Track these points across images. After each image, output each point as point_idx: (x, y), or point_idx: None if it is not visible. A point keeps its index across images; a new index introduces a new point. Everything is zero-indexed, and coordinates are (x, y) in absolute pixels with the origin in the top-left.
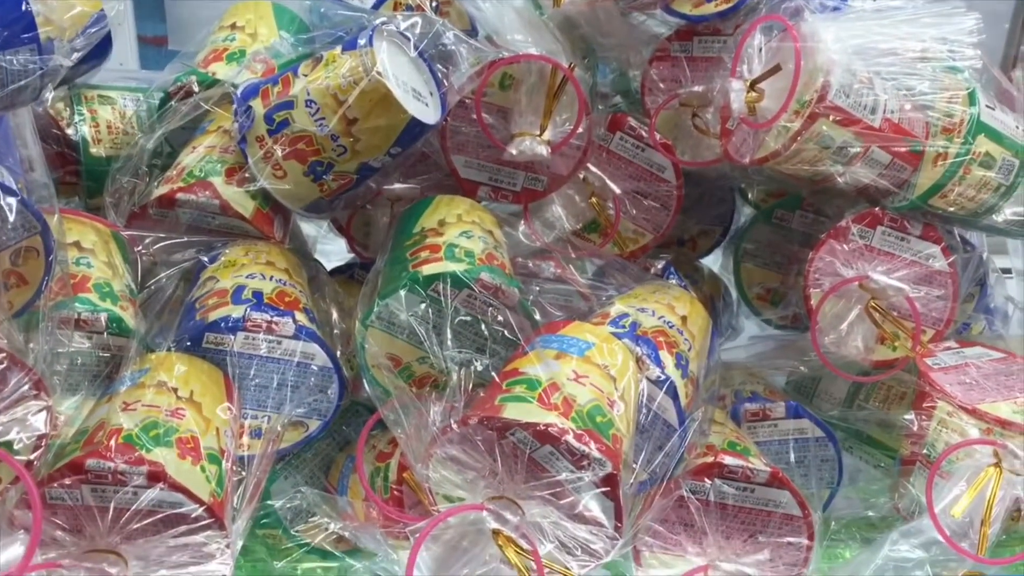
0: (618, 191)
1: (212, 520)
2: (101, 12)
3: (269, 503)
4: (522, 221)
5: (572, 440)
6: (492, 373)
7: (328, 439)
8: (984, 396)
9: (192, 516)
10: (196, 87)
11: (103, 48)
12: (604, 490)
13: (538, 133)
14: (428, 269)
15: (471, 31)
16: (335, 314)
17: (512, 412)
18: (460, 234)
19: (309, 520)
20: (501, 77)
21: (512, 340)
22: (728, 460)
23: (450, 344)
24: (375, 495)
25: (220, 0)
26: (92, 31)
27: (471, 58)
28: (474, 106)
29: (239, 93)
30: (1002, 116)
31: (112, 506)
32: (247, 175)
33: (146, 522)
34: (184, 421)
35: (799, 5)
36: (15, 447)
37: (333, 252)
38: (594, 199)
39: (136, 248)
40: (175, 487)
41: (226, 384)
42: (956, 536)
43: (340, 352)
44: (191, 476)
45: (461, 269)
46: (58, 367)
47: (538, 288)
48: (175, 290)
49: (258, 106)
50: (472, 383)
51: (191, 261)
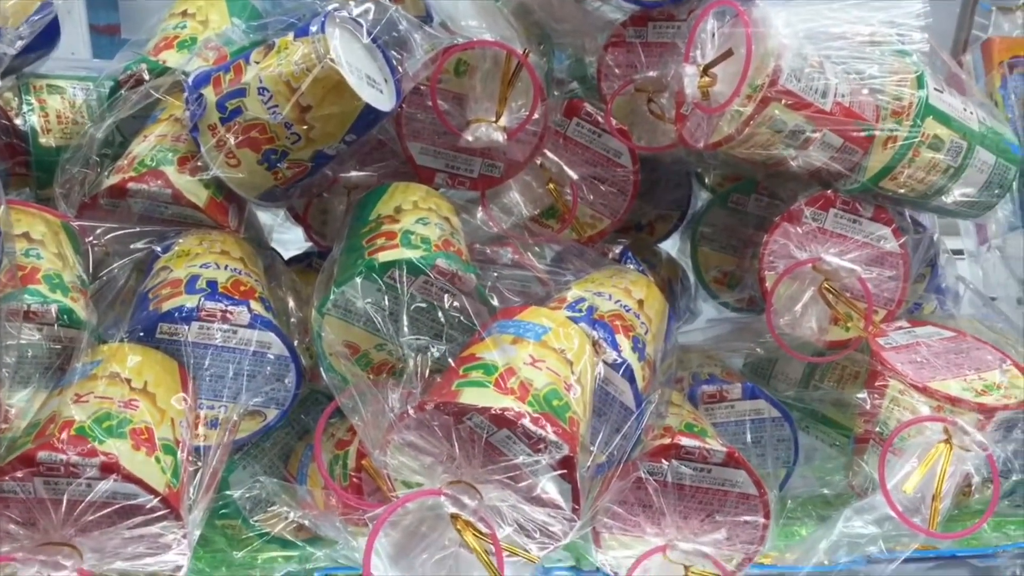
0: (575, 177)
1: (167, 511)
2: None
3: (228, 493)
4: (479, 207)
5: (528, 424)
6: (449, 359)
7: (287, 428)
8: (935, 374)
9: (147, 507)
10: (147, 75)
11: (50, 36)
12: (561, 473)
13: (494, 119)
14: (384, 256)
15: (426, 17)
16: (292, 303)
17: (469, 397)
18: (416, 221)
19: (268, 509)
20: (456, 63)
21: (469, 326)
22: (685, 441)
23: (406, 331)
24: (334, 483)
25: None
26: (36, 19)
27: (425, 44)
28: (429, 93)
29: (190, 81)
30: (950, 99)
31: (65, 498)
32: (200, 164)
33: (100, 514)
34: (138, 412)
35: None
36: None
37: (290, 241)
38: (551, 185)
39: (87, 239)
40: (129, 478)
41: (181, 374)
42: (908, 512)
43: (298, 341)
44: (145, 467)
45: (417, 256)
46: (7, 359)
47: (496, 274)
48: (127, 280)
49: (210, 94)
50: (429, 369)
51: (144, 251)
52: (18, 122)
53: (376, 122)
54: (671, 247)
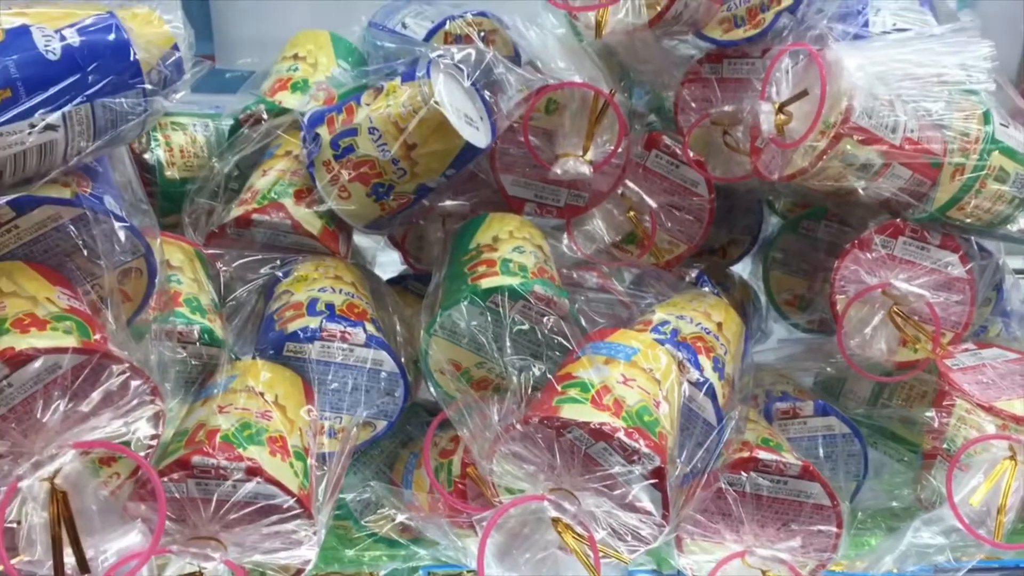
0: (654, 205)
1: (301, 510)
2: (175, 44)
3: (341, 496)
4: (565, 234)
5: (624, 437)
6: (548, 377)
7: (392, 437)
8: (1000, 394)
9: (284, 507)
10: (265, 115)
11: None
12: (653, 482)
13: (581, 154)
14: (486, 283)
15: (515, 57)
16: (397, 324)
17: (569, 412)
18: (513, 249)
19: (377, 512)
20: (547, 102)
21: (564, 346)
22: (763, 455)
23: (509, 351)
24: (442, 488)
25: (266, 19)
26: (170, 62)
27: (519, 85)
28: (521, 129)
29: (306, 121)
30: (1015, 133)
31: (215, 498)
32: (316, 197)
33: (243, 512)
34: (272, 422)
35: (823, 32)
36: (133, 447)
37: (387, 263)
38: (632, 213)
39: (217, 264)
40: (270, 481)
41: (305, 388)
42: (974, 524)
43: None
44: (282, 471)
45: (517, 282)
46: (168, 375)
47: (583, 297)
48: (256, 303)
49: (324, 133)
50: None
51: (267, 276)
52: (146, 157)
53: (474, 158)
54: (742, 270)
